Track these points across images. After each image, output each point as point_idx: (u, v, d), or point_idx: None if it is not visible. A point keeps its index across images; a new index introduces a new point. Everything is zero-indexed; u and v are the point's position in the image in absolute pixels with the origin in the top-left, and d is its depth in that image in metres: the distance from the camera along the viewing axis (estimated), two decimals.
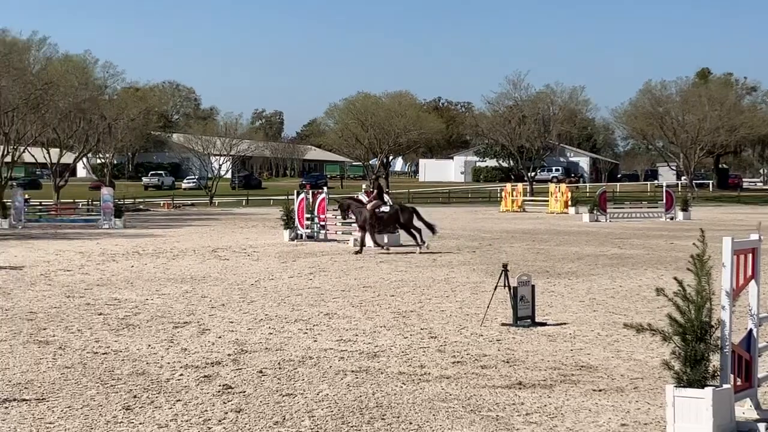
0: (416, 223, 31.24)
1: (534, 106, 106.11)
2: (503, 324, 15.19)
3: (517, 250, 31.26)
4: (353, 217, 32.01)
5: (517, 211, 67.37)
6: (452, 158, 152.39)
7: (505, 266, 15.77)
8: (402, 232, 33.00)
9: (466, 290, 20.04)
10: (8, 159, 64.64)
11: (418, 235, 30.61)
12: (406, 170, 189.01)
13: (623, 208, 58.72)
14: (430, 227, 31.22)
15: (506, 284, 15.46)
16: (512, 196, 70.72)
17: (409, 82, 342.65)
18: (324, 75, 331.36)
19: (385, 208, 31.23)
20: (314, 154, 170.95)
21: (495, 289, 15.88)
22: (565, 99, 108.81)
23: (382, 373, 11.68)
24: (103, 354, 12.95)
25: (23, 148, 68.66)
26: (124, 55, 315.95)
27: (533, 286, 15.37)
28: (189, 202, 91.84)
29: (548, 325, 15.25)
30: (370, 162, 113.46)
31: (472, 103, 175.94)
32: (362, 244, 30.65)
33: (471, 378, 11.40)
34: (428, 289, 20.18)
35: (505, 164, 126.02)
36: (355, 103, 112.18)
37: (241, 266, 25.77)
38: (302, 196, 36.63)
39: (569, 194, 65.87)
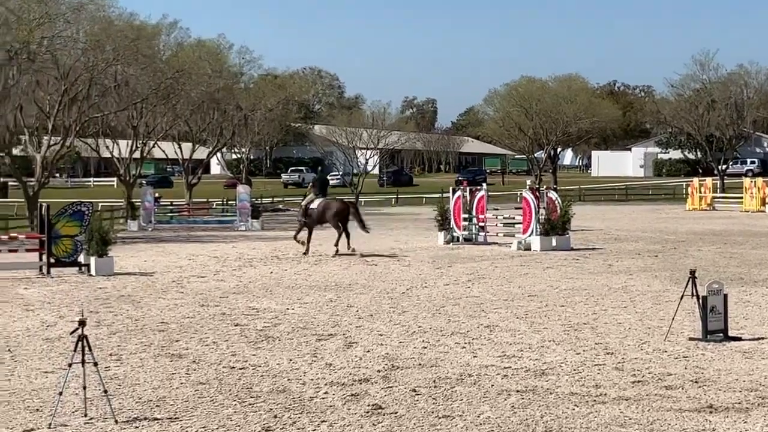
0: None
1: (725, 90, 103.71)
2: (691, 338, 14.92)
3: (707, 254, 30.65)
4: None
5: (705, 210, 66.03)
6: (630, 149, 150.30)
7: (692, 272, 15.48)
8: (570, 234, 33.04)
9: (647, 300, 19.75)
10: (137, 155, 66.35)
11: (342, 236, 31.12)
12: (577, 163, 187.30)
13: None
14: (363, 226, 32.03)
15: (694, 293, 15.17)
16: (700, 192, 69.34)
17: (580, 63, 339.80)
18: (482, 57, 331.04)
19: (314, 204, 31.85)
20: (472, 146, 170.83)
21: (681, 298, 15.59)
22: (762, 81, 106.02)
23: (551, 393, 11.60)
24: (241, 369, 13.19)
25: (153, 142, 70.39)
26: (260, 39, 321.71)
27: (726, 296, 15.04)
28: None
29: (743, 339, 14.92)
30: (535, 155, 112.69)
31: (653, 86, 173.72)
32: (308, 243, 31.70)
33: (654, 400, 11.23)
34: (603, 299, 19.96)
35: (691, 156, 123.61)
36: (517, 89, 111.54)
37: (390, 272, 25.93)
38: (458, 193, 36.58)
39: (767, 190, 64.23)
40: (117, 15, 57.30)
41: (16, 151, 63.36)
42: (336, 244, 31.01)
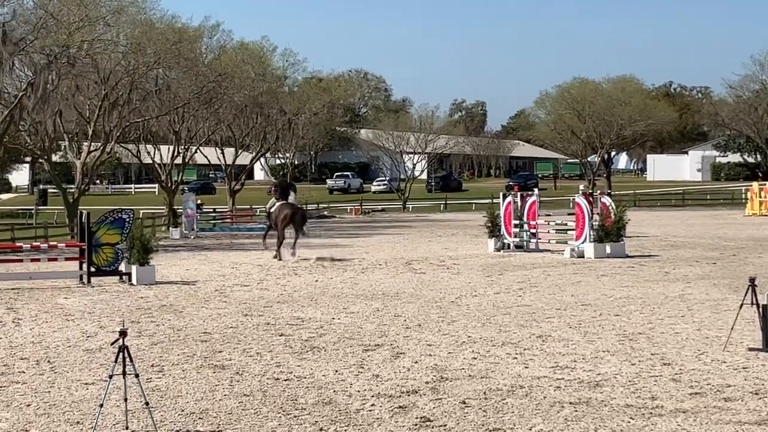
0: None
1: None
2: (751, 349, 14.79)
3: (767, 261, 30.40)
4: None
5: (765, 215, 65.52)
6: (686, 153, 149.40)
7: (752, 280, 15.35)
8: (625, 241, 33.04)
9: (705, 309, 19.61)
10: (179, 160, 66.80)
11: (295, 238, 34.21)
12: (632, 168, 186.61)
13: None
14: (302, 232, 34.53)
15: (754, 301, 15.04)
16: (760, 196, 68.84)
17: (634, 64, 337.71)
18: (532, 58, 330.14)
19: (273, 208, 34.86)
20: (522, 150, 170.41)
21: (740, 307, 15.46)
22: None
23: (605, 405, 11.55)
24: (285, 380, 13.22)
25: (195, 147, 70.82)
26: (304, 41, 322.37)
27: None
28: (379, 207, 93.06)
29: None
30: (589, 159, 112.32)
31: (711, 87, 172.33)
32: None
33: (712, 412, 11.15)
34: (659, 308, 19.84)
35: (750, 159, 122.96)
36: (570, 91, 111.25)
37: (439, 280, 25.92)
38: (509, 199, 36.52)
39: None
40: (158, 17, 57.83)
41: (55, 158, 64.08)
42: (292, 247, 33.81)
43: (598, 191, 45.41)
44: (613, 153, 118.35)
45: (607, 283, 24.75)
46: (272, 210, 34.66)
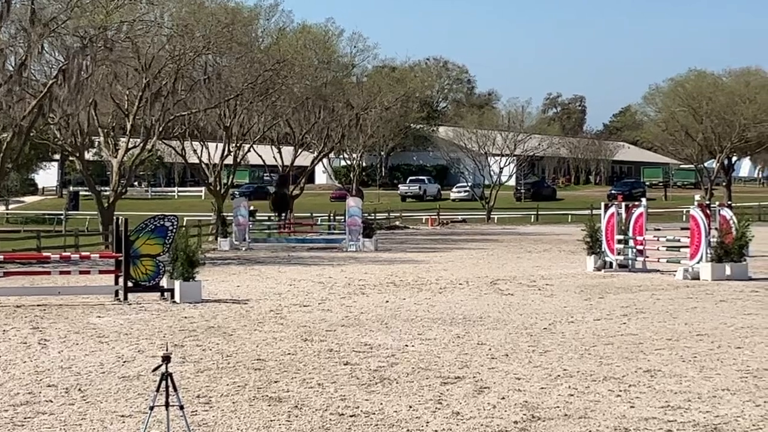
0: None
1: None
2: None
3: None
4: None
5: None
6: None
7: None
8: (748, 261, 32.83)
9: None
10: (230, 160, 67.10)
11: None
12: (756, 176, 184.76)
13: None
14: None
15: None
16: None
17: (761, 54, 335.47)
18: (640, 46, 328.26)
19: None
20: (627, 153, 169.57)
21: None
22: None
23: None
24: (351, 416, 13.25)
25: (248, 146, 71.15)
26: (375, 24, 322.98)
27: None
28: (459, 217, 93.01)
29: None
30: (705, 165, 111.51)
31: None
32: None
33: None
34: None
35: None
36: (684, 85, 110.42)
37: (529, 303, 25.88)
38: (612, 210, 36.39)
39: None
40: None
41: (88, 156, 64.67)
42: None
43: (717, 202, 45.09)
44: (734, 158, 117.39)
45: (727, 309, 24.57)
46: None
